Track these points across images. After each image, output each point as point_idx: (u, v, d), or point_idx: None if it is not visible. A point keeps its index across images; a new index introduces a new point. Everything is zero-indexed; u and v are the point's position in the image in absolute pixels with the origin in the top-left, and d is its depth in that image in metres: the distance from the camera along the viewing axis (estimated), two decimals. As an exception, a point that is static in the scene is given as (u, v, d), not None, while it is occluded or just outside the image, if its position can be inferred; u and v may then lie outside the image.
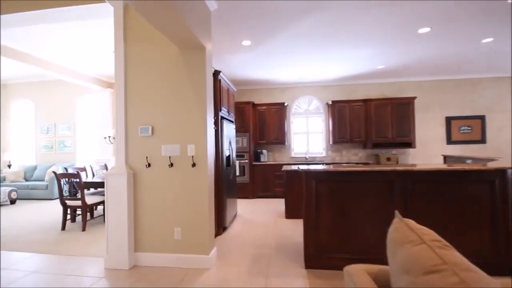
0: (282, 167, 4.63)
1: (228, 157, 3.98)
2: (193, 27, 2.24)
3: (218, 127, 3.57)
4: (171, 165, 2.63)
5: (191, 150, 2.60)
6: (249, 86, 6.79)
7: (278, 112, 6.38)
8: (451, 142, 6.19)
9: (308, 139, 6.73)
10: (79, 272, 2.53)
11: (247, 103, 6.15)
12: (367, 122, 6.05)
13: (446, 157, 4.78)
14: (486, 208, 2.33)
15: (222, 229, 3.63)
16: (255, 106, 6.42)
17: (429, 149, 6.23)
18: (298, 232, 3.62)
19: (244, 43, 4.02)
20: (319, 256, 2.49)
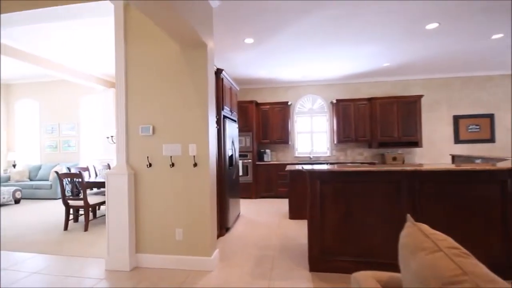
0: (285, 167, 4.56)
1: (231, 156, 3.92)
2: (194, 24, 2.18)
3: (220, 126, 3.51)
4: (172, 165, 2.58)
5: (193, 149, 2.55)
6: (252, 85, 6.73)
7: (282, 111, 6.31)
8: (459, 141, 6.05)
9: (312, 139, 6.65)
10: (80, 273, 2.49)
11: (250, 102, 6.09)
12: (372, 121, 5.94)
13: (454, 156, 4.67)
14: (497, 208, 2.24)
15: (225, 229, 3.58)
16: (258, 105, 6.35)
17: (436, 148, 6.10)
18: (302, 233, 3.55)
19: (246, 41, 3.96)
20: (324, 258, 2.42)
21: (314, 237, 2.45)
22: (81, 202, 3.83)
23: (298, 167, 4.28)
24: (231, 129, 4.02)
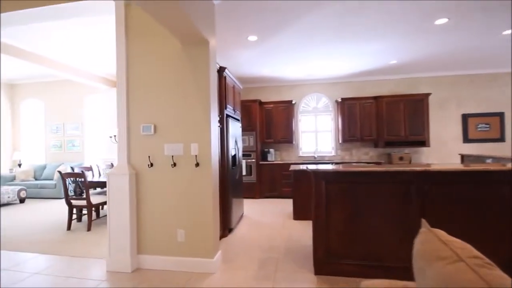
0: (289, 167, 4.49)
1: (234, 156, 3.86)
2: (195, 21, 2.12)
3: (223, 126, 3.46)
4: (174, 164, 2.53)
5: (195, 149, 2.50)
6: (255, 83, 6.66)
7: (286, 110, 6.22)
8: (468, 140, 5.90)
9: (316, 138, 6.55)
10: (81, 274, 2.46)
11: (254, 101, 6.03)
12: (379, 120, 5.83)
13: (463, 156, 4.54)
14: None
15: (228, 230, 3.52)
16: (262, 104, 6.28)
17: (444, 148, 5.96)
18: (307, 234, 3.48)
19: (250, 39, 3.89)
20: (329, 261, 2.35)
21: (319, 239, 2.38)
22: (84, 202, 3.81)
23: (303, 167, 4.20)
24: (234, 128, 3.96)
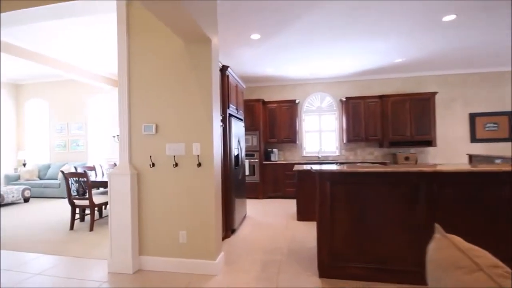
0: (293, 167, 4.44)
1: (236, 156, 3.82)
2: (198, 19, 2.08)
3: (226, 125, 3.41)
4: (176, 165, 2.49)
5: (197, 149, 2.46)
6: (259, 83, 6.61)
7: (289, 109, 6.16)
8: (476, 140, 5.78)
9: (320, 138, 6.48)
10: (82, 275, 2.44)
11: (257, 101, 5.98)
12: (384, 119, 5.73)
13: (471, 156, 4.43)
14: (525, 214, 2.06)
15: (231, 231, 3.48)
16: (265, 103, 6.23)
17: (451, 148, 5.84)
18: (311, 236, 3.42)
19: (253, 37, 3.84)
20: (335, 264, 2.29)
21: (323, 241, 2.32)
22: (86, 202, 3.80)
23: (306, 167, 4.14)
24: (237, 128, 3.92)
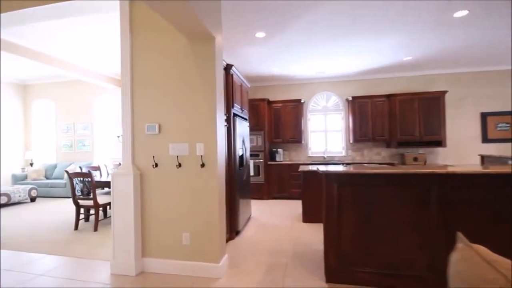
0: (298, 167, 4.36)
1: (241, 156, 3.76)
2: (201, 15, 2.03)
3: (230, 125, 3.36)
4: (179, 165, 2.45)
5: (200, 149, 2.41)
6: (264, 82, 6.54)
7: (295, 109, 6.08)
8: (487, 140, 5.60)
9: (326, 138, 6.38)
10: (85, 277, 2.41)
11: (262, 100, 5.91)
12: (391, 119, 5.61)
13: (483, 157, 4.29)
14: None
15: (235, 233, 3.43)
16: (270, 103, 6.16)
17: (461, 148, 5.68)
18: (317, 238, 3.34)
19: (258, 35, 3.78)
20: (342, 269, 2.21)
21: (330, 245, 2.24)
22: (91, 202, 3.79)
23: (312, 168, 4.06)
24: (242, 127, 3.86)
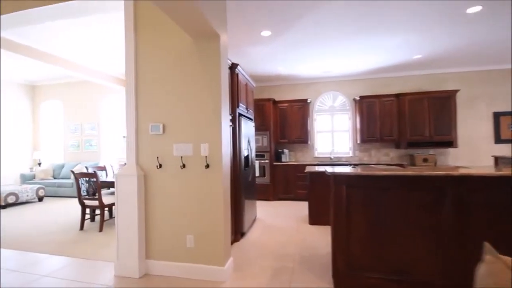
0: (304, 168, 4.28)
1: (246, 157, 3.71)
2: (206, 12, 1.98)
3: (235, 125, 3.31)
4: (183, 166, 2.40)
5: (205, 149, 2.36)
6: (269, 82, 6.48)
7: (301, 109, 6.00)
8: (500, 141, 5.42)
9: (333, 138, 6.28)
10: (88, 278, 2.39)
11: (268, 100, 5.85)
12: (400, 119, 5.48)
13: (497, 158, 4.14)
14: None
15: (240, 234, 3.37)
16: (276, 103, 6.09)
17: (473, 149, 5.51)
18: (324, 241, 3.26)
19: (263, 34, 3.72)
20: (351, 273, 2.13)
21: (339, 249, 2.17)
22: (96, 202, 3.79)
23: (319, 169, 3.98)
24: (247, 128, 3.81)
